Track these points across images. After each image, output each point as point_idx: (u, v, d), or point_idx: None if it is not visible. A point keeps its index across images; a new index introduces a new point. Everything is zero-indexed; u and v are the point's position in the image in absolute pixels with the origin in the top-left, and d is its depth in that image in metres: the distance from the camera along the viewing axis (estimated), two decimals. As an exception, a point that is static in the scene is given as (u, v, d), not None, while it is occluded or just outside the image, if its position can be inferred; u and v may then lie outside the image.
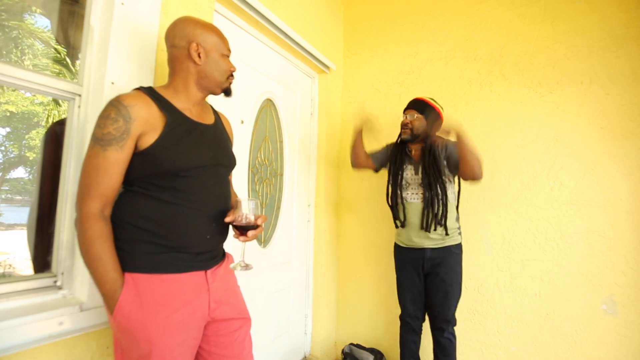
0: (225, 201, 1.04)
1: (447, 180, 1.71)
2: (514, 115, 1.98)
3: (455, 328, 1.73)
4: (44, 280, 1.05)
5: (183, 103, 0.99)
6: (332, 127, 2.48)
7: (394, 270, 1.87)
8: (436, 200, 1.66)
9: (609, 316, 1.72)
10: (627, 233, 1.71)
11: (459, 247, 1.74)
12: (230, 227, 1.01)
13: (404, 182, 1.77)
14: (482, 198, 2.03)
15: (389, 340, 2.24)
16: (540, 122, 1.92)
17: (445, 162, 1.71)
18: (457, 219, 1.77)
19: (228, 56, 1.06)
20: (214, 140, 1.04)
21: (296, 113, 2.30)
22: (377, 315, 2.31)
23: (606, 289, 1.73)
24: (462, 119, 2.12)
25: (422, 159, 1.72)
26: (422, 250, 1.71)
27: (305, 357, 2.32)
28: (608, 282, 1.73)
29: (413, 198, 1.73)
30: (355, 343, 2.25)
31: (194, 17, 1.04)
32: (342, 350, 2.22)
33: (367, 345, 2.23)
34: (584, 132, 1.82)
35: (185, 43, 0.98)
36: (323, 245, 2.38)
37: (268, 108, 2.07)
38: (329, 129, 2.45)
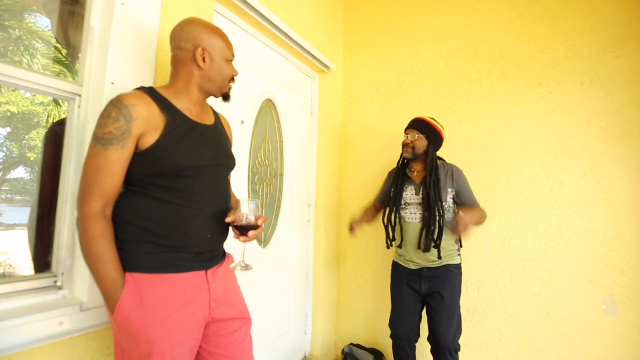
0: (225, 201, 1.04)
1: (447, 205, 1.69)
2: (514, 115, 1.99)
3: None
4: (44, 280, 1.05)
5: (183, 103, 0.99)
6: (332, 127, 2.48)
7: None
8: (435, 222, 1.64)
9: (609, 316, 1.72)
10: (627, 233, 1.71)
11: (457, 267, 1.71)
12: (231, 227, 1.01)
13: (402, 202, 1.76)
14: (482, 198, 2.02)
15: (389, 340, 2.23)
16: (540, 122, 1.92)
17: (450, 189, 1.70)
18: (458, 240, 1.76)
19: (232, 61, 1.07)
20: (213, 141, 1.04)
21: (296, 113, 2.30)
22: (377, 315, 2.31)
23: (606, 289, 1.73)
24: (462, 119, 2.12)
25: (423, 180, 1.71)
26: (420, 269, 1.71)
27: (305, 357, 2.32)
28: (608, 282, 1.73)
29: (411, 218, 1.73)
30: (355, 343, 2.25)
31: (201, 19, 1.04)
32: (342, 350, 2.22)
33: (367, 345, 2.24)
34: (584, 132, 1.82)
35: (191, 46, 0.98)
36: (323, 245, 2.38)
37: (268, 108, 2.07)
38: (329, 128, 2.45)
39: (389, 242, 1.79)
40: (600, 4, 1.82)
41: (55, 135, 1.16)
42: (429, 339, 1.72)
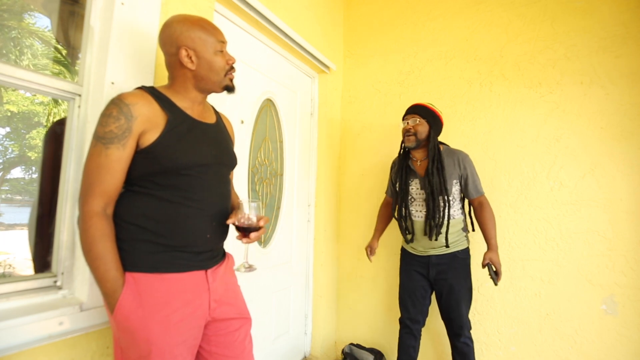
0: (226, 200, 1.04)
1: (452, 197, 1.69)
2: (514, 115, 1.99)
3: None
4: (44, 280, 1.05)
5: (184, 102, 0.99)
6: (332, 127, 2.48)
7: (395, 270, 1.88)
8: (437, 213, 1.65)
9: (609, 316, 1.72)
10: (627, 233, 1.71)
11: (465, 252, 1.73)
12: (234, 229, 1.01)
13: (409, 197, 1.76)
14: (482, 198, 2.03)
15: (389, 340, 2.24)
16: (540, 122, 1.92)
17: (456, 181, 1.69)
18: (464, 228, 1.76)
19: (222, 50, 1.00)
20: (215, 139, 1.04)
21: (296, 113, 2.30)
22: (377, 315, 2.31)
23: (606, 289, 1.73)
24: (462, 119, 2.12)
25: (427, 171, 1.69)
26: (428, 257, 1.72)
27: (305, 357, 2.32)
28: (608, 282, 1.73)
29: (417, 216, 1.74)
30: (355, 343, 2.25)
31: (179, 15, 0.99)
32: (342, 350, 2.22)
33: (367, 345, 2.23)
34: (584, 132, 1.82)
35: (175, 49, 0.95)
36: (323, 245, 2.38)
37: (268, 108, 2.07)
38: (329, 129, 2.45)
39: (405, 234, 1.79)
40: (599, 4, 1.82)
41: (55, 135, 1.16)
42: (443, 320, 1.76)
